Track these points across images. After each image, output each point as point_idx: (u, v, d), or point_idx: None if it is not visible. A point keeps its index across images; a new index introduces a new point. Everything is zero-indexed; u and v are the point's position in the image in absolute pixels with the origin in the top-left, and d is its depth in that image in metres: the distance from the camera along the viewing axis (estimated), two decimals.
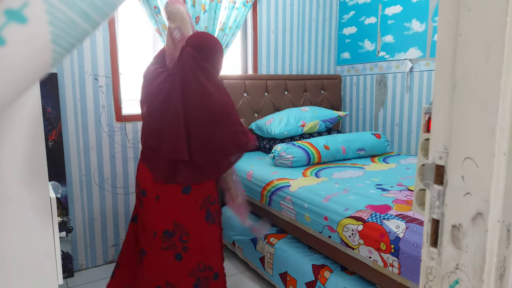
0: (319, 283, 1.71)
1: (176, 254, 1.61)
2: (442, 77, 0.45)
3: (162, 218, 1.60)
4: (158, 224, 1.61)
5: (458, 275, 0.44)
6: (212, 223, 1.65)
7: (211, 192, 1.65)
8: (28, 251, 0.85)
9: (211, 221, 1.65)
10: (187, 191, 1.59)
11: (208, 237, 1.65)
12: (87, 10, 0.42)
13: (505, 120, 0.39)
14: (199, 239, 1.62)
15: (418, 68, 2.71)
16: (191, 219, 1.61)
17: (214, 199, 1.67)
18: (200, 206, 1.61)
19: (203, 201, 1.62)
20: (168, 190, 1.59)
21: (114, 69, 2.38)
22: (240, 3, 2.61)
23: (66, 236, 2.29)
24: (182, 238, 1.60)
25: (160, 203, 1.60)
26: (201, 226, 1.62)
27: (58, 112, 2.18)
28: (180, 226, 1.60)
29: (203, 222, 1.63)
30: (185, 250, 1.61)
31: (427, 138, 0.50)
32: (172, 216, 1.59)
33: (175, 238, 1.60)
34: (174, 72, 1.56)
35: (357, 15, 3.14)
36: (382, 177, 2.05)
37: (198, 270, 1.64)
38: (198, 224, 1.62)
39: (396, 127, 2.93)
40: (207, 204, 1.64)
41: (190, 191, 1.59)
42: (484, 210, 0.41)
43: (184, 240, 1.61)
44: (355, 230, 1.53)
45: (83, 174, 2.37)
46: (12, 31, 0.37)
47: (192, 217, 1.61)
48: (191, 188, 1.59)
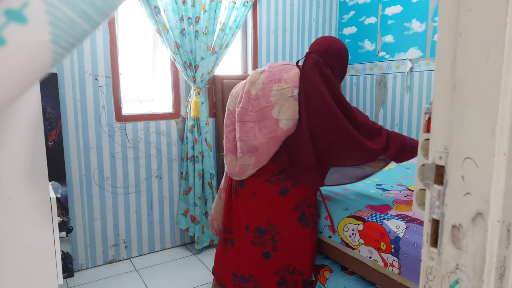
0: (319, 283, 1.71)
1: (265, 253, 1.64)
2: (442, 77, 0.45)
3: (257, 215, 1.64)
4: (252, 219, 1.65)
5: (458, 275, 0.44)
6: (305, 226, 1.65)
7: (308, 195, 1.65)
8: (28, 251, 0.85)
9: (304, 224, 1.65)
10: (284, 193, 1.62)
11: (300, 239, 1.65)
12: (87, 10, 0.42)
13: (505, 120, 0.39)
14: (290, 240, 1.63)
15: (418, 68, 2.71)
16: (284, 220, 1.63)
17: (310, 202, 1.66)
18: (294, 207, 1.63)
19: (298, 203, 1.63)
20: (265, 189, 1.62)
21: (114, 69, 2.39)
22: (240, 3, 2.61)
23: (66, 236, 2.29)
24: (274, 237, 1.63)
25: (256, 200, 1.63)
26: (293, 228, 1.63)
27: (58, 112, 2.18)
28: (273, 226, 1.63)
29: (297, 224, 1.63)
30: (275, 249, 1.64)
31: (427, 138, 0.50)
32: (266, 215, 1.63)
33: (266, 237, 1.63)
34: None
35: (357, 15, 3.14)
36: (382, 177, 2.05)
37: (286, 271, 1.65)
38: (290, 225, 1.63)
39: (396, 127, 2.93)
40: (303, 206, 1.64)
41: (287, 193, 1.62)
42: (484, 210, 0.41)
43: (276, 240, 1.63)
44: (355, 229, 1.53)
45: (83, 174, 2.37)
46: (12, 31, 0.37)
47: (285, 218, 1.63)
48: (289, 191, 1.61)
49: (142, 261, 2.56)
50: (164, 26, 2.35)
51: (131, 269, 2.45)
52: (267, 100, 1.54)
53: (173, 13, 2.37)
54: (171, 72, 2.62)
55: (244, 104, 1.59)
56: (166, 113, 2.63)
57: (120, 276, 2.37)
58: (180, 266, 2.48)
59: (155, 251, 2.69)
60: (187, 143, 2.58)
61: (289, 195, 1.61)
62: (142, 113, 2.55)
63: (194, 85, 2.54)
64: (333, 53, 1.59)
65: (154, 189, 2.63)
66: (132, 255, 2.61)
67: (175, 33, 2.40)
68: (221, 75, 2.71)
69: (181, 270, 2.42)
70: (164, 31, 2.36)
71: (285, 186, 1.62)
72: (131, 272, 2.42)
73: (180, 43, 2.42)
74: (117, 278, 2.34)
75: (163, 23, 2.35)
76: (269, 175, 1.62)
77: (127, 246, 2.59)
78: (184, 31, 2.42)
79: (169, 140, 2.64)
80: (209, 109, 2.74)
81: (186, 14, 2.41)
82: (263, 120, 1.54)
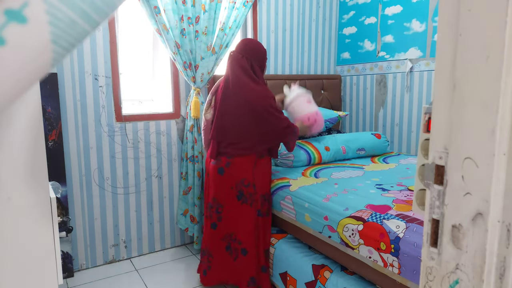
0: (319, 283, 1.71)
1: (212, 224, 2.03)
2: (442, 77, 0.45)
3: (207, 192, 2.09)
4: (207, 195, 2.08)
5: (458, 275, 0.44)
6: (243, 202, 1.98)
7: (245, 176, 1.98)
8: (28, 251, 0.85)
9: (242, 201, 1.98)
10: (221, 172, 1.99)
11: (240, 213, 1.98)
12: (87, 10, 0.42)
13: (505, 120, 0.39)
14: (231, 212, 1.99)
15: (418, 68, 2.71)
16: (225, 196, 1.99)
17: (248, 182, 1.98)
18: (231, 187, 1.98)
19: (235, 183, 1.97)
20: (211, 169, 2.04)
21: (114, 69, 2.38)
22: (240, 3, 2.61)
23: (66, 236, 2.29)
24: (218, 209, 2.01)
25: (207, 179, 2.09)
26: (233, 203, 1.99)
27: (58, 112, 2.18)
28: (217, 201, 2.01)
29: (235, 200, 1.98)
30: (219, 219, 2.01)
31: (427, 138, 0.50)
32: (211, 192, 2.03)
33: (213, 210, 2.02)
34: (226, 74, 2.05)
35: (357, 15, 3.14)
36: (382, 177, 2.05)
37: (230, 238, 2.01)
38: (230, 201, 1.99)
39: (396, 127, 2.93)
40: (240, 186, 1.97)
41: (224, 173, 1.98)
42: (484, 210, 0.41)
43: (219, 211, 2.01)
44: (355, 230, 1.53)
45: (83, 174, 2.37)
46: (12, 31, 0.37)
47: (225, 195, 1.99)
48: (224, 170, 1.98)
49: (142, 261, 2.56)
50: (164, 26, 2.35)
51: (131, 269, 2.45)
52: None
53: (173, 13, 2.37)
54: (171, 72, 2.62)
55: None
56: (166, 113, 2.63)
57: (120, 276, 2.37)
58: (180, 266, 2.48)
59: (155, 251, 2.69)
60: (187, 143, 2.58)
61: (225, 174, 1.98)
62: (142, 113, 2.55)
63: (194, 85, 2.54)
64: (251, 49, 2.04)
65: (154, 189, 2.63)
66: (132, 255, 2.61)
67: (175, 33, 2.40)
68: (221, 75, 2.70)
69: (181, 270, 2.42)
70: (164, 31, 2.36)
71: (220, 166, 1.99)
72: (131, 272, 2.42)
73: (180, 43, 2.42)
74: (117, 278, 2.34)
75: (163, 23, 2.35)
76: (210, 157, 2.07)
77: (127, 246, 2.59)
78: (184, 31, 2.42)
79: (169, 140, 2.64)
80: None
81: (186, 14, 2.41)
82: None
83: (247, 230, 1.97)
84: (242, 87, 1.96)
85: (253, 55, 2.01)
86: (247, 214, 1.97)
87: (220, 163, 1.99)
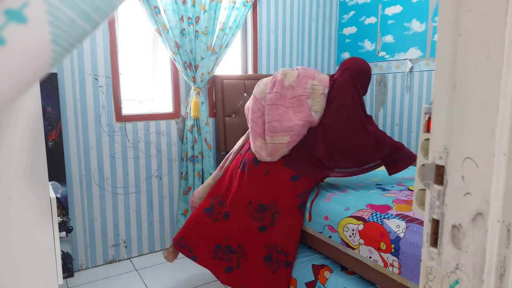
0: (319, 283, 1.71)
1: (262, 226, 1.80)
2: (442, 77, 0.45)
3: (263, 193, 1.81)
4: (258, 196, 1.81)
5: (458, 275, 0.44)
6: (301, 214, 1.80)
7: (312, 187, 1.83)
8: (28, 251, 0.85)
9: (301, 212, 1.80)
10: (294, 179, 1.79)
11: (294, 225, 1.80)
12: (87, 10, 0.42)
13: (505, 120, 0.39)
14: (287, 222, 1.79)
15: (418, 68, 2.71)
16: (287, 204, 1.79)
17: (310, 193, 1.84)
18: (298, 194, 1.78)
19: (302, 192, 1.79)
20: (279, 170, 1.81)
21: (114, 69, 2.39)
22: (240, 3, 2.61)
23: (66, 236, 2.29)
24: (274, 215, 1.80)
25: (267, 179, 1.81)
26: (292, 213, 1.79)
27: (58, 112, 2.18)
28: (276, 206, 1.80)
29: (296, 210, 1.79)
30: (272, 225, 1.80)
31: (427, 138, 0.50)
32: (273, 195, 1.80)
33: (267, 213, 1.80)
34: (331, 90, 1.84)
35: (357, 15, 3.14)
36: (382, 177, 2.05)
37: (275, 250, 1.79)
38: (290, 210, 1.79)
39: (396, 127, 2.93)
40: (305, 196, 1.81)
41: (297, 180, 1.79)
42: (484, 210, 0.41)
43: (275, 217, 1.80)
44: (355, 229, 1.53)
45: (83, 174, 2.37)
46: (12, 31, 0.37)
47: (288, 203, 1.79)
48: (299, 178, 1.79)
49: (142, 261, 2.56)
50: (164, 26, 2.35)
51: (131, 269, 2.45)
52: (303, 90, 1.79)
53: (173, 13, 2.37)
54: (171, 72, 2.62)
55: (278, 90, 1.81)
56: (166, 113, 2.63)
57: (120, 276, 2.37)
58: (180, 266, 2.48)
59: (155, 251, 2.69)
60: (187, 143, 2.58)
61: (298, 182, 1.78)
62: (142, 113, 2.55)
63: (194, 85, 2.54)
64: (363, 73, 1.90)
65: (154, 189, 2.63)
66: (132, 255, 2.61)
67: (175, 33, 2.40)
68: (221, 75, 2.71)
69: (181, 270, 2.42)
70: (164, 31, 2.36)
71: (295, 173, 1.79)
72: (131, 272, 2.42)
73: (180, 43, 2.42)
74: (117, 278, 2.34)
75: (163, 23, 2.35)
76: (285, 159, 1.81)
77: (127, 246, 2.59)
78: (184, 31, 2.42)
79: (169, 140, 2.64)
80: (209, 109, 2.74)
81: (186, 14, 2.41)
82: (298, 106, 1.78)
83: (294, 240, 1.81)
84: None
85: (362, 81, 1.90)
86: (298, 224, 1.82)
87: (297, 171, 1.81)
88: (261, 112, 1.85)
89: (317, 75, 1.85)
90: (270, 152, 1.79)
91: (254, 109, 1.87)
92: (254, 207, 1.82)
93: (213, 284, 2.24)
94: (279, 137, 1.75)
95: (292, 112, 1.77)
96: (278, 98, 1.79)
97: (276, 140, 1.76)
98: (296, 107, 1.77)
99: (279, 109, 1.77)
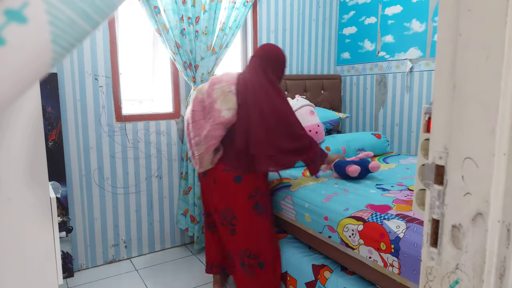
0: (319, 283, 1.71)
1: (232, 230, 1.86)
2: (442, 77, 0.45)
3: (218, 200, 1.88)
4: (216, 203, 1.89)
5: (458, 275, 0.44)
6: (259, 214, 1.85)
7: (260, 185, 1.87)
8: (28, 251, 0.85)
9: (258, 212, 1.84)
10: (238, 180, 1.82)
11: (255, 226, 1.84)
12: (87, 10, 0.42)
13: (505, 120, 0.39)
14: (246, 226, 1.84)
15: (418, 68, 2.71)
16: (240, 206, 1.83)
17: (263, 192, 1.88)
18: (248, 195, 1.83)
19: (252, 192, 1.84)
20: (222, 176, 1.84)
21: (114, 69, 2.39)
22: (240, 3, 2.61)
23: (66, 236, 2.29)
24: (232, 221, 1.85)
25: (216, 186, 1.87)
26: (248, 215, 1.83)
27: (58, 112, 2.18)
28: (231, 210, 1.84)
29: (251, 211, 1.83)
30: (233, 233, 1.85)
31: (427, 138, 0.50)
32: (224, 200, 1.85)
33: (227, 220, 1.85)
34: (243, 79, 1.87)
35: (357, 15, 3.14)
36: (382, 177, 2.05)
37: (244, 255, 1.85)
38: (245, 212, 1.83)
39: (396, 127, 2.93)
40: (256, 196, 1.85)
41: (241, 181, 1.82)
42: (484, 210, 0.41)
43: (233, 223, 1.85)
44: (355, 230, 1.53)
45: (83, 174, 2.37)
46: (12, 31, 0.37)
47: (241, 205, 1.83)
48: (242, 178, 1.82)
49: (142, 261, 2.56)
50: (164, 26, 2.35)
51: (131, 269, 2.45)
52: (211, 97, 1.84)
53: (173, 13, 2.37)
54: (171, 72, 2.62)
55: (194, 107, 1.89)
56: (166, 113, 2.63)
57: (120, 276, 2.37)
58: (180, 266, 2.48)
59: (155, 251, 2.69)
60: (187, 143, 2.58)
61: (243, 182, 1.82)
62: (142, 113, 2.55)
63: (194, 85, 2.54)
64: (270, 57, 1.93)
65: (154, 189, 2.63)
66: (132, 255, 2.61)
67: (175, 33, 2.40)
68: None
69: (181, 270, 2.42)
70: (164, 31, 2.36)
71: (239, 173, 1.82)
72: (131, 272, 2.42)
73: (180, 43, 2.42)
74: (117, 278, 2.34)
75: (163, 23, 2.35)
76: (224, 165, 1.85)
77: (127, 246, 2.59)
78: (184, 31, 2.42)
79: (169, 140, 2.64)
80: None
81: (186, 14, 2.41)
82: (209, 113, 1.84)
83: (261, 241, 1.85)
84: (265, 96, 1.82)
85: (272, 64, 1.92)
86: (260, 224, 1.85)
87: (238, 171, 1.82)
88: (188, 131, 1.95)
89: (225, 77, 1.90)
90: (200, 164, 1.87)
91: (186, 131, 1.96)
92: (219, 214, 1.89)
93: (213, 284, 2.24)
94: (200, 147, 1.84)
95: (206, 120, 1.85)
96: (197, 115, 1.88)
97: (198, 151, 1.85)
98: (207, 114, 1.85)
99: (198, 124, 1.86)
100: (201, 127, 1.85)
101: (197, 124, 1.87)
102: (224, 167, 1.84)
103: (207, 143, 1.81)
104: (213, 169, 1.88)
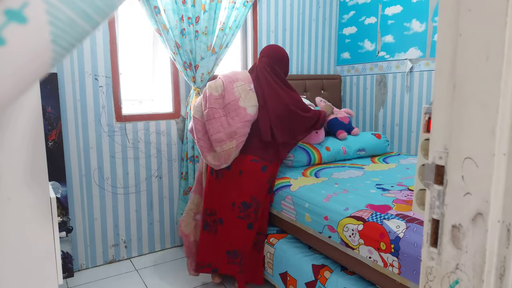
0: (319, 283, 1.71)
1: (249, 224, 1.98)
2: (442, 77, 0.45)
3: (242, 191, 1.98)
4: (238, 195, 1.98)
5: (458, 275, 0.44)
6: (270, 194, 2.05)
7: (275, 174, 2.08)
8: (28, 251, 0.85)
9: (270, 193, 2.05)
10: (264, 169, 1.99)
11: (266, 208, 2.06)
12: (87, 10, 0.42)
13: (505, 120, 0.39)
14: (264, 209, 2.04)
15: (418, 68, 2.71)
16: (262, 192, 2.00)
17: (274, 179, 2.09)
18: (268, 180, 2.01)
19: (270, 177, 2.03)
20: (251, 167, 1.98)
21: (114, 69, 2.39)
22: (240, 3, 2.61)
23: (66, 236, 2.29)
24: (256, 209, 1.99)
25: (242, 177, 1.98)
26: (265, 198, 2.03)
27: (58, 112, 2.18)
28: (255, 200, 1.98)
29: (267, 194, 2.04)
30: (256, 220, 1.99)
31: (427, 138, 0.50)
32: (250, 190, 1.97)
33: (250, 210, 1.97)
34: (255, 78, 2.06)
35: (357, 15, 3.14)
36: (382, 177, 2.05)
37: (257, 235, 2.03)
38: (264, 196, 2.02)
39: (396, 127, 2.93)
40: (273, 180, 2.05)
41: (266, 169, 2.00)
42: (484, 210, 0.41)
43: (257, 211, 1.99)
44: (355, 230, 1.53)
45: (83, 174, 2.37)
46: (12, 31, 0.37)
47: (262, 191, 2.00)
48: (267, 167, 2.00)
49: (142, 261, 2.56)
50: (164, 26, 2.35)
51: (131, 269, 2.45)
52: (232, 95, 1.96)
53: (173, 13, 2.37)
54: (171, 72, 2.62)
55: (211, 104, 1.96)
56: (166, 113, 2.63)
57: (120, 276, 2.37)
58: (180, 266, 2.48)
59: (155, 251, 2.69)
60: (187, 143, 2.58)
61: (266, 171, 2.00)
62: (142, 113, 2.55)
63: (194, 85, 2.54)
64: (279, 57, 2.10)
65: (154, 189, 2.63)
66: (132, 255, 2.61)
67: (175, 33, 2.40)
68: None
69: (181, 270, 2.42)
70: (164, 31, 2.36)
71: (265, 163, 2.00)
72: (131, 272, 2.42)
73: (180, 43, 2.42)
74: (117, 278, 2.34)
75: (163, 23, 2.35)
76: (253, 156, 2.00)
77: (127, 246, 2.59)
78: (184, 31, 2.42)
79: (169, 140, 2.64)
80: None
81: (186, 14, 2.41)
82: (234, 110, 1.94)
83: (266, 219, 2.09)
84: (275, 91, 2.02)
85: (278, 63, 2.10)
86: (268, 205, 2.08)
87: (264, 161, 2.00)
88: (204, 130, 2.00)
89: (238, 75, 2.04)
90: (224, 159, 1.95)
91: (198, 128, 2.02)
92: (238, 207, 1.98)
93: (213, 284, 2.24)
94: (227, 144, 1.92)
95: (230, 117, 1.94)
96: (214, 112, 1.95)
97: (226, 147, 1.92)
98: (232, 111, 1.94)
99: (218, 121, 1.94)
100: (223, 124, 1.93)
101: (218, 121, 1.94)
102: (253, 157, 1.99)
103: (237, 140, 1.93)
104: (240, 161, 1.99)
